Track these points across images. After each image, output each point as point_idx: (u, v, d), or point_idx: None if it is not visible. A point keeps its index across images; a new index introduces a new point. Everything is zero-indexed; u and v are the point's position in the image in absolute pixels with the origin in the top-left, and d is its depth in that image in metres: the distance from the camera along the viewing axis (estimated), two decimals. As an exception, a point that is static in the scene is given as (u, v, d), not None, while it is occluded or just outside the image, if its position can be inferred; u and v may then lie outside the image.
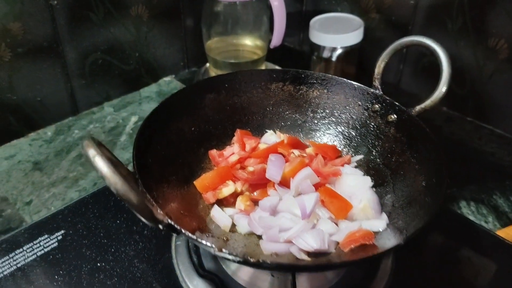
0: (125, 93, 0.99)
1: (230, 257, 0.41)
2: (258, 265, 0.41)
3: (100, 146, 0.42)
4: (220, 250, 0.41)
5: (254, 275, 0.56)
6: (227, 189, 0.57)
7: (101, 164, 0.39)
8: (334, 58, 0.93)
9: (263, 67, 1.01)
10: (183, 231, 0.43)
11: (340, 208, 0.53)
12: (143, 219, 0.41)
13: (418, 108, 0.60)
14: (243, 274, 0.56)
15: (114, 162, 0.44)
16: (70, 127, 0.89)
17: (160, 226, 0.42)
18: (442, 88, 0.58)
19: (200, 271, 0.57)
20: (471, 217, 0.69)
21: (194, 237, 0.42)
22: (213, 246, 0.41)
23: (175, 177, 0.58)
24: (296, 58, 1.14)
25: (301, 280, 0.53)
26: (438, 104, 0.59)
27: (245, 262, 0.41)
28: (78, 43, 0.87)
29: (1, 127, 0.83)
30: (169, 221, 0.43)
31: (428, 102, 0.59)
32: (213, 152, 0.63)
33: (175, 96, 0.62)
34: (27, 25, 0.79)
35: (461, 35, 0.85)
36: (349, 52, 0.93)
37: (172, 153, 0.59)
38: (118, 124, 0.90)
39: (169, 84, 1.04)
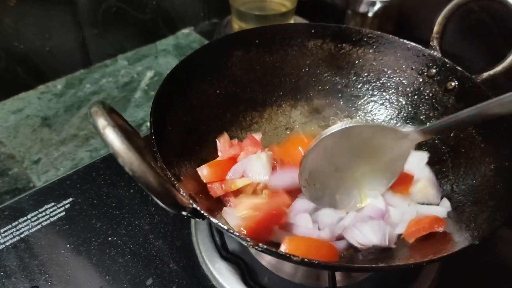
0: (140, 45, 0.93)
1: (270, 253, 0.35)
2: (303, 263, 0.35)
3: (112, 113, 0.35)
4: (257, 245, 0.34)
5: (281, 258, 0.50)
6: (241, 181, 0.50)
7: (113, 138, 0.32)
8: (371, 13, 0.85)
9: (291, 22, 0.92)
10: (211, 219, 0.36)
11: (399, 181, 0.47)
12: (164, 206, 0.34)
13: (485, 74, 0.52)
14: (269, 257, 0.51)
15: (129, 132, 0.37)
16: (81, 81, 0.84)
17: (184, 213, 0.36)
18: None
19: (223, 252, 0.52)
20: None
21: (226, 227, 0.36)
22: (250, 241, 0.35)
23: (198, 147, 0.52)
24: (328, 13, 1.05)
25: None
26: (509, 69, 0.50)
27: (287, 259, 0.35)
28: (90, -13, 0.80)
29: (9, 78, 0.78)
30: (195, 205, 0.36)
31: (498, 69, 0.51)
32: (224, 139, 0.56)
33: (198, 53, 0.55)
34: (34, -36, 0.73)
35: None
36: (388, 7, 0.84)
37: (194, 119, 0.53)
38: (133, 79, 0.85)
39: (188, 36, 0.97)
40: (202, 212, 0.37)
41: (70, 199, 0.59)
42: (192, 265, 0.52)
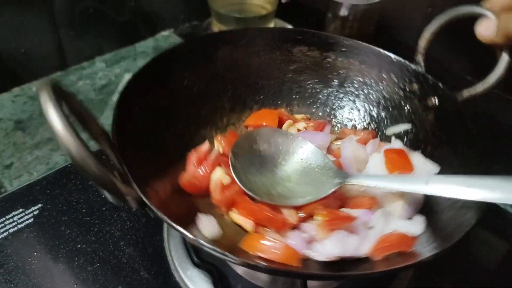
0: (119, 47, 0.91)
1: (232, 260, 0.34)
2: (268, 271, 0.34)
3: (65, 96, 0.34)
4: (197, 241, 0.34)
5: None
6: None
7: (55, 119, 0.31)
8: (351, 17, 0.84)
9: (272, 25, 0.92)
10: (154, 209, 0.35)
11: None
12: (106, 194, 0.33)
13: (466, 93, 0.50)
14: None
15: (84, 117, 0.37)
16: (57, 83, 0.82)
17: (129, 200, 0.34)
18: (499, 70, 0.48)
19: (196, 259, 0.50)
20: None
21: (166, 218, 0.35)
22: (205, 243, 0.34)
23: (168, 133, 0.51)
24: (308, 16, 1.04)
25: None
26: (490, 90, 0.49)
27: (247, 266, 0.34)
28: (66, -13, 0.78)
29: (-19, 80, 0.76)
30: (139, 193, 0.35)
31: (479, 87, 0.49)
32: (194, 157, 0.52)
33: (185, 45, 0.57)
34: (7, -37, 0.71)
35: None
36: (369, 10, 0.84)
37: (171, 106, 0.53)
38: (110, 81, 0.83)
39: (167, 38, 0.96)
40: (146, 201, 0.35)
41: (39, 205, 0.57)
42: (163, 273, 0.50)
